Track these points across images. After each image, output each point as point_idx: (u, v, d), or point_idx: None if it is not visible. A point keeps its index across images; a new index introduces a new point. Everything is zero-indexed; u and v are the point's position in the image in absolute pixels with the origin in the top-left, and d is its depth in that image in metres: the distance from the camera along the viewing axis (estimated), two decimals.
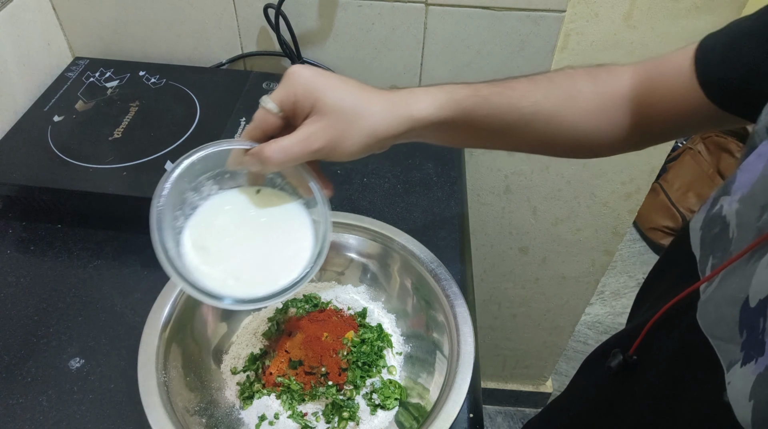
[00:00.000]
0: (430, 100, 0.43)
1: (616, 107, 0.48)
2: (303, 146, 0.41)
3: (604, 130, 0.48)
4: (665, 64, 0.46)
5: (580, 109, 0.47)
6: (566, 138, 0.48)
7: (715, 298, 0.36)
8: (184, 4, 0.78)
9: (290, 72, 0.42)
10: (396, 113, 0.43)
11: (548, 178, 0.97)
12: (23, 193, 0.65)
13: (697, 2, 0.72)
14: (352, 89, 0.42)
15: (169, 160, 0.66)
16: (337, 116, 0.41)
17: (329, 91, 0.41)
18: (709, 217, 0.40)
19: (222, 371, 0.56)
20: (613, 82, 0.48)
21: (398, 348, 0.59)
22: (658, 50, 0.78)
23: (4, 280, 0.61)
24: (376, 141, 0.43)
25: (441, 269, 0.57)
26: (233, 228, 0.45)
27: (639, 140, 0.50)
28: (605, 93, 0.47)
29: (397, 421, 0.53)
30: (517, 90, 0.46)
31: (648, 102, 0.47)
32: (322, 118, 0.41)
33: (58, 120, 0.71)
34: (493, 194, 1.00)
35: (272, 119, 0.42)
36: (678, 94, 0.45)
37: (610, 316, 1.80)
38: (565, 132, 0.48)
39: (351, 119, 0.41)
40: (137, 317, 0.58)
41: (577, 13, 0.75)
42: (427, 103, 0.43)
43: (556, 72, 0.48)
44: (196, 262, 0.42)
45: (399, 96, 0.43)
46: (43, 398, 0.52)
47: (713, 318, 0.36)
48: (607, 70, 0.48)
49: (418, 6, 0.75)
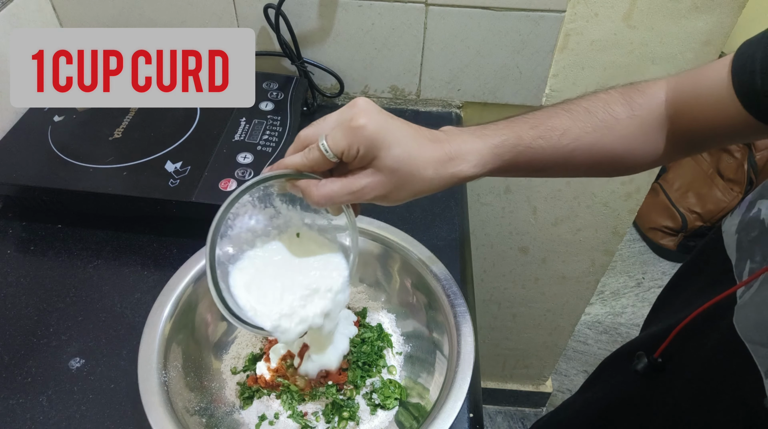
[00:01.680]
0: (476, 159, 0.44)
1: (654, 128, 0.47)
2: (353, 197, 0.42)
3: (642, 150, 0.48)
4: (701, 76, 0.45)
5: (619, 136, 0.47)
6: (607, 163, 0.49)
7: (754, 302, 0.36)
8: (184, 3, 0.78)
9: (357, 125, 0.40)
10: (443, 176, 0.43)
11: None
12: (23, 193, 0.65)
13: (696, 2, 0.72)
14: (410, 147, 0.42)
15: (168, 160, 0.66)
16: (393, 177, 0.42)
17: (391, 150, 0.41)
18: (746, 221, 0.39)
19: (222, 371, 0.56)
20: (648, 103, 0.47)
21: (398, 348, 0.59)
22: (657, 50, 0.78)
23: (4, 280, 0.61)
24: (426, 193, 0.44)
25: (441, 269, 0.57)
26: (279, 272, 0.49)
27: (677, 153, 0.50)
28: (642, 116, 0.47)
29: (397, 421, 0.53)
30: (557, 129, 0.46)
31: (685, 117, 0.46)
32: (378, 174, 0.42)
33: (59, 120, 0.71)
34: (493, 194, 1.00)
35: (327, 164, 0.42)
36: (715, 107, 0.44)
37: (610, 316, 1.80)
38: (606, 158, 0.48)
39: (404, 181, 0.42)
40: (137, 317, 0.58)
41: (577, 13, 0.75)
42: (473, 162, 0.44)
43: (591, 98, 0.48)
44: (252, 302, 0.47)
45: (449, 152, 0.44)
46: (43, 398, 0.52)
47: (752, 322, 0.35)
48: (641, 92, 0.48)
49: (418, 6, 0.75)
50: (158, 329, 0.52)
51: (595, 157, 0.47)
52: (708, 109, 0.45)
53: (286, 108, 0.75)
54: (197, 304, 0.56)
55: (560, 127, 0.46)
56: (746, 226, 0.39)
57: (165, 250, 0.65)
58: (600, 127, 0.47)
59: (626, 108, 0.47)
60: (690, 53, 0.77)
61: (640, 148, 0.48)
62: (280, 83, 0.78)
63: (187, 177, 0.64)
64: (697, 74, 0.46)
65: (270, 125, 0.72)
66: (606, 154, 0.47)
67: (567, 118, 0.47)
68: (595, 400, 0.57)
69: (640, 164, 0.50)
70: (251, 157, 0.67)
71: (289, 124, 0.72)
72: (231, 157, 0.67)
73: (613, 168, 0.49)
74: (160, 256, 0.64)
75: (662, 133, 0.47)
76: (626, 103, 0.47)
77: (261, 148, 0.68)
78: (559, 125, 0.46)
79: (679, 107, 0.46)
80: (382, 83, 0.85)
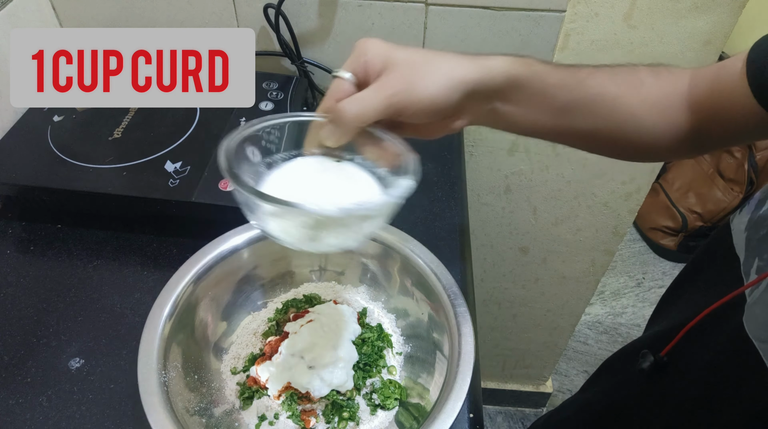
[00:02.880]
0: (501, 57, 0.43)
1: (676, 105, 0.46)
2: (378, 92, 0.40)
3: (663, 127, 0.46)
4: (720, 70, 0.44)
5: (643, 99, 0.46)
6: (628, 130, 0.46)
7: (764, 301, 0.35)
8: (184, 3, 0.78)
9: (358, 42, 0.42)
10: (471, 60, 0.42)
11: (548, 178, 0.97)
12: (23, 193, 0.65)
13: (697, 2, 0.72)
14: (421, 49, 0.43)
15: (168, 160, 0.66)
16: (410, 64, 0.41)
17: (399, 50, 0.41)
18: (755, 219, 0.39)
19: (222, 371, 0.56)
20: (674, 79, 0.46)
21: (398, 348, 0.59)
22: (658, 50, 0.78)
23: (4, 280, 0.61)
24: (456, 83, 0.41)
25: (441, 269, 0.57)
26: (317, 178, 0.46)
27: (694, 146, 0.48)
28: (666, 88, 0.46)
29: (397, 421, 0.53)
30: (583, 71, 0.45)
31: (704, 106, 0.45)
32: (394, 68, 0.41)
33: (58, 120, 0.71)
34: (493, 194, 1.00)
35: (346, 86, 0.42)
36: (732, 102, 0.43)
37: (610, 316, 1.80)
38: (628, 122, 0.46)
39: (425, 63, 0.41)
40: (137, 317, 0.58)
41: (577, 12, 0.75)
42: (500, 59, 0.43)
43: (618, 65, 0.47)
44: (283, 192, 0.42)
45: (469, 55, 0.43)
46: (42, 398, 0.52)
47: (761, 321, 0.35)
48: (668, 69, 0.47)
49: (418, 6, 0.75)
50: (158, 329, 0.51)
51: (618, 117, 0.46)
52: (725, 103, 0.43)
53: (286, 108, 0.75)
54: (197, 304, 0.56)
55: (585, 70, 0.45)
56: (755, 224, 0.39)
57: (165, 250, 0.65)
58: (625, 83, 0.45)
59: (652, 77, 0.46)
60: (690, 53, 0.77)
61: (661, 125, 0.46)
62: (280, 83, 0.78)
63: (186, 177, 0.64)
64: (717, 69, 0.45)
65: None
66: (628, 116, 0.46)
67: (592, 68, 0.46)
68: (596, 400, 0.57)
69: (658, 146, 0.48)
70: None
71: None
72: None
73: (635, 141, 0.47)
74: (160, 256, 0.64)
75: (684, 116, 0.46)
76: (653, 73, 0.46)
77: None
78: (584, 69, 0.45)
79: (701, 96, 0.45)
80: None
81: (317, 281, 0.63)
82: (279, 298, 0.62)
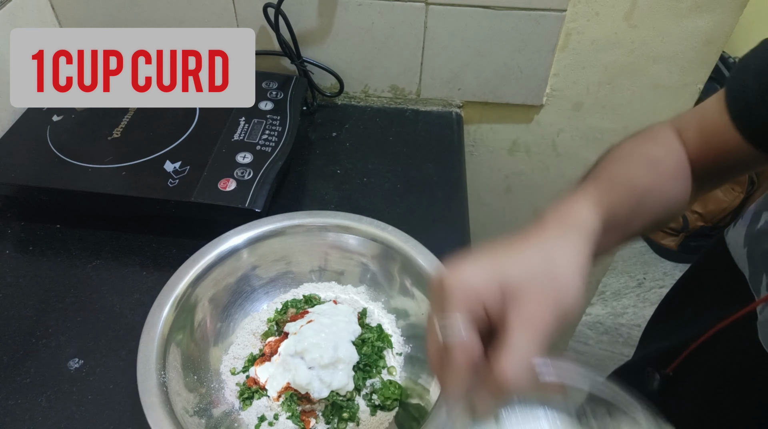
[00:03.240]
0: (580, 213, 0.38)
1: (684, 166, 0.46)
2: (531, 332, 0.30)
3: (683, 191, 0.46)
4: (704, 119, 0.45)
5: (665, 176, 0.45)
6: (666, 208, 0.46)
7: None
8: (184, 3, 0.78)
9: (441, 284, 0.32)
10: (570, 237, 0.35)
11: (548, 178, 0.97)
12: (22, 193, 0.65)
13: (698, 1, 0.72)
14: (514, 246, 0.34)
15: (168, 159, 0.65)
16: (534, 277, 0.32)
17: (502, 266, 0.32)
18: (755, 234, 0.38)
19: (221, 372, 0.56)
20: (669, 140, 0.47)
21: (398, 348, 0.58)
22: (659, 49, 0.77)
23: (3, 280, 0.61)
24: (584, 271, 0.34)
25: (441, 269, 0.56)
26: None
27: (696, 192, 0.48)
28: (672, 154, 0.46)
29: (397, 422, 0.53)
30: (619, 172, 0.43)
31: (701, 157, 0.46)
32: (523, 293, 0.31)
33: (58, 120, 0.71)
34: (493, 194, 1.00)
35: (472, 346, 0.31)
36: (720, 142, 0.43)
37: (610, 316, 1.79)
38: (663, 203, 0.45)
39: (548, 270, 0.33)
40: (137, 317, 0.58)
41: (577, 12, 0.75)
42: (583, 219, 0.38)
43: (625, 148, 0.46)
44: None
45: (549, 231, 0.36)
46: (42, 399, 0.52)
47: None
48: (660, 131, 0.47)
49: (418, 5, 0.75)
50: (157, 329, 0.51)
51: (656, 204, 0.44)
52: (714, 145, 0.44)
53: (286, 107, 0.74)
54: (197, 305, 0.56)
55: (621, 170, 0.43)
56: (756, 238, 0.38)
57: (164, 250, 0.65)
58: (647, 167, 0.44)
59: (657, 147, 0.46)
60: (691, 52, 0.77)
61: (680, 190, 0.46)
62: (279, 83, 0.78)
63: (186, 177, 0.64)
64: (699, 119, 0.45)
65: (269, 125, 0.71)
66: (664, 198, 0.45)
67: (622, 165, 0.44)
68: None
69: (680, 209, 0.47)
70: (250, 156, 0.67)
71: (288, 123, 0.72)
72: (230, 157, 0.66)
73: (668, 216, 0.46)
74: (160, 256, 0.64)
75: (689, 174, 0.46)
76: (654, 142, 0.46)
77: (260, 147, 0.68)
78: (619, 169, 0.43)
79: (695, 152, 0.45)
80: (382, 83, 0.85)
81: (317, 281, 0.63)
82: (279, 299, 0.61)
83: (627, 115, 0.86)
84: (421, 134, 0.82)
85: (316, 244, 0.61)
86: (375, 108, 0.87)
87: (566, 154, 0.93)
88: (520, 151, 0.93)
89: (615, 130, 0.89)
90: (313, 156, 0.78)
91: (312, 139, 0.81)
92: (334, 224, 0.60)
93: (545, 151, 0.93)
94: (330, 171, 0.75)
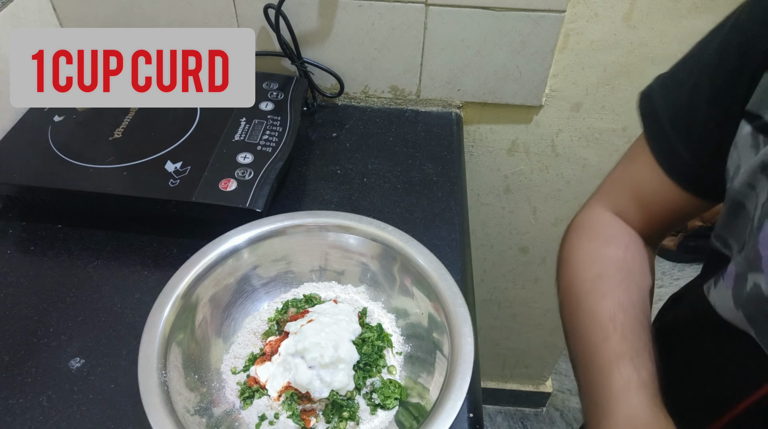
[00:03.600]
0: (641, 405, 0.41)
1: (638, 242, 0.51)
2: None
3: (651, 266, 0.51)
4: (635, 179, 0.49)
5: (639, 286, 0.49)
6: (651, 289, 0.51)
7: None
8: (184, 3, 0.78)
9: None
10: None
11: (548, 178, 0.97)
12: (23, 193, 0.65)
13: (697, 2, 0.72)
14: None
15: (168, 160, 0.66)
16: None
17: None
18: (747, 298, 0.38)
19: (222, 371, 0.56)
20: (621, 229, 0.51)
21: (398, 348, 0.59)
22: (658, 50, 0.78)
23: (4, 280, 0.61)
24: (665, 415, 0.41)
25: (441, 269, 0.57)
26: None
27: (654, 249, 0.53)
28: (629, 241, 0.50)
29: (397, 421, 0.53)
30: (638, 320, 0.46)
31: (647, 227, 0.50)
32: None
33: (59, 120, 0.71)
34: (493, 194, 1.00)
35: None
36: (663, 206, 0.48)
37: None
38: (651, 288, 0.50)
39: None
40: (137, 317, 0.58)
41: (577, 13, 0.75)
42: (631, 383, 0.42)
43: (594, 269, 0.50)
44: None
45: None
46: (43, 398, 0.52)
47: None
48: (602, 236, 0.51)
49: (418, 6, 0.75)
50: (158, 329, 0.51)
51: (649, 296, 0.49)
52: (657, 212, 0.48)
53: (286, 108, 0.75)
54: (197, 304, 0.56)
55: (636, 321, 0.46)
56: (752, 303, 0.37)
57: (165, 250, 0.65)
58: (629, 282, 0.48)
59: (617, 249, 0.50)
60: None
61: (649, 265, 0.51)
62: (280, 83, 0.78)
63: (187, 177, 0.64)
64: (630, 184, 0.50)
65: (270, 125, 0.72)
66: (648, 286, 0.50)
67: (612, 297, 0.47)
68: None
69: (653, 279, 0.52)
70: (251, 157, 0.67)
71: (289, 124, 0.72)
72: (231, 157, 0.67)
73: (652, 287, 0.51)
74: (160, 256, 0.64)
75: (645, 250, 0.51)
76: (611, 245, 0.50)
77: (261, 148, 0.68)
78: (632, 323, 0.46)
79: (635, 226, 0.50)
80: (382, 83, 0.85)
81: (317, 281, 0.63)
82: (279, 298, 0.62)
83: (626, 116, 0.87)
84: (421, 135, 0.82)
85: (316, 244, 0.61)
86: (375, 108, 0.87)
87: (565, 155, 0.93)
88: (520, 151, 0.93)
89: (614, 131, 0.89)
90: (314, 156, 0.78)
91: (312, 140, 0.81)
92: (335, 224, 0.61)
93: (544, 152, 0.93)
94: (330, 171, 0.76)
